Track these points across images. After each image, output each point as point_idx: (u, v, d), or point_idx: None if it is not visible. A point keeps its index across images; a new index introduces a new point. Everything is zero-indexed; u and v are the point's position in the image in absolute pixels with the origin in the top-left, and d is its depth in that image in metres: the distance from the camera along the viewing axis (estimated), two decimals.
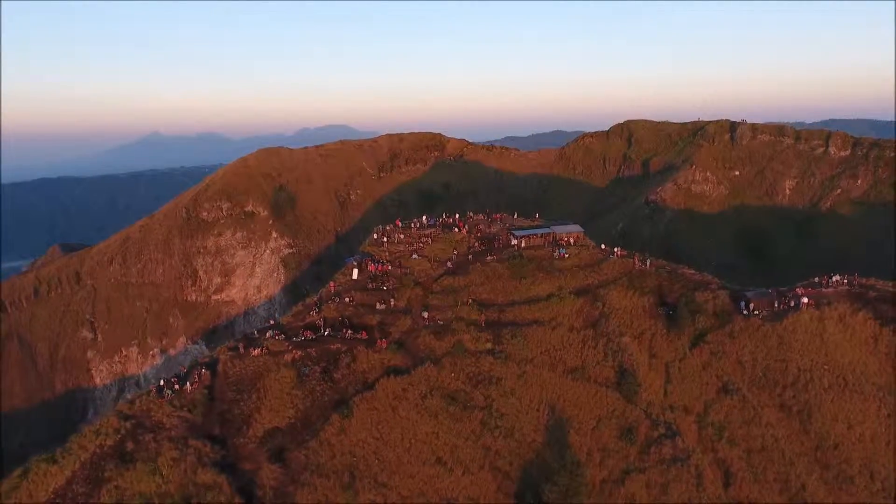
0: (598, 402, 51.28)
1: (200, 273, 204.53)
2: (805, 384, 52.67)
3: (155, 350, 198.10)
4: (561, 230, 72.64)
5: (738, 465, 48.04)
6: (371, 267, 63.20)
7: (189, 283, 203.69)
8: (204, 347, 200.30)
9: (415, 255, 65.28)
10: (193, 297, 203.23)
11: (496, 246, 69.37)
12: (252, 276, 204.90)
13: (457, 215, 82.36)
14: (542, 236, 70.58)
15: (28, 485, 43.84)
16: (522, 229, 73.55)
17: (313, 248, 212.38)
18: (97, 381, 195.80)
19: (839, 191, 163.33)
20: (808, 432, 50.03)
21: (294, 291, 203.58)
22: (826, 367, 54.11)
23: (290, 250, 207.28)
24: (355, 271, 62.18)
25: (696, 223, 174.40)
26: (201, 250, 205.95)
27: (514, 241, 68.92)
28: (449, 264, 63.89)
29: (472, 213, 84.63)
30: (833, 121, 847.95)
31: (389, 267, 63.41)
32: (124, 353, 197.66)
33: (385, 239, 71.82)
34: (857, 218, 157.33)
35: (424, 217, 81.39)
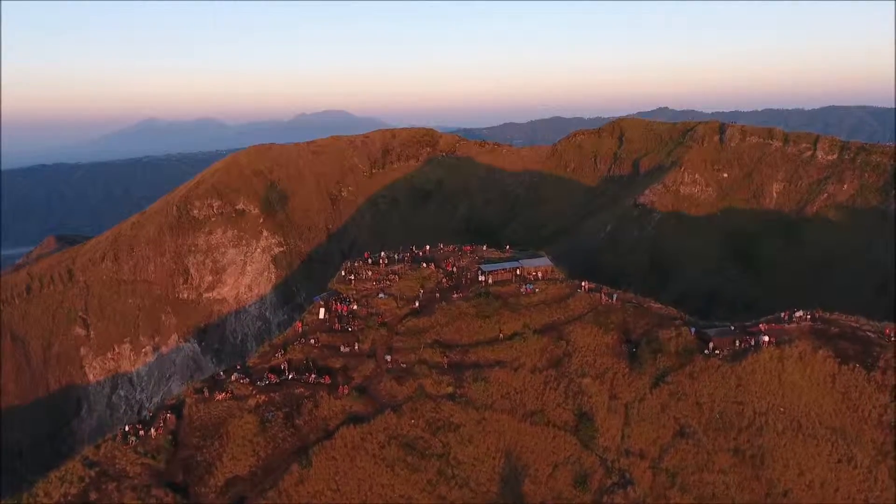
0: (555, 447, 52.29)
1: (192, 271, 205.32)
2: (760, 428, 53.61)
3: (147, 347, 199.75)
4: (529, 264, 72.98)
5: None
6: (336, 307, 63.80)
7: (181, 280, 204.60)
8: (196, 345, 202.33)
9: (381, 295, 65.54)
10: (185, 295, 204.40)
11: (464, 282, 69.93)
12: (243, 275, 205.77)
13: (427, 247, 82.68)
14: (509, 271, 71.15)
15: None
16: (491, 262, 73.85)
17: (305, 247, 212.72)
18: (90, 377, 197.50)
19: (826, 195, 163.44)
20: (760, 479, 51.04)
21: (285, 290, 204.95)
22: (782, 409, 55.04)
23: (281, 249, 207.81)
24: (322, 310, 62.67)
25: (683, 225, 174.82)
26: (192, 248, 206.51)
27: (482, 277, 69.47)
28: (416, 303, 64.52)
29: (441, 246, 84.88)
30: (833, 108, 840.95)
31: (356, 306, 63.87)
32: (117, 350, 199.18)
33: (352, 276, 71.96)
34: (844, 222, 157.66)
35: (383, 252, 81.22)
